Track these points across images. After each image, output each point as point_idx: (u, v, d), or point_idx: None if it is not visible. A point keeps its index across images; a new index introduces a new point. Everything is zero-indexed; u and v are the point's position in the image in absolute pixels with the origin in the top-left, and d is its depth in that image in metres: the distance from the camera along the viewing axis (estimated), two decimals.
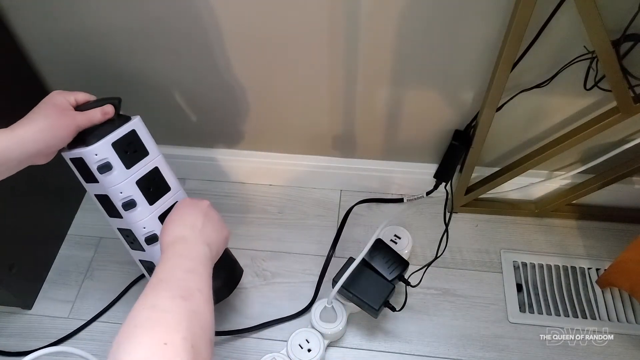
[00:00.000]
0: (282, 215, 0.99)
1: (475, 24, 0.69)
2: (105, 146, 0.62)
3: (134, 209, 0.66)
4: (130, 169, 0.65)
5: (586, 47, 0.67)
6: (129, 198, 0.66)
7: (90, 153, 0.62)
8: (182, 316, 0.44)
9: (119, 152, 0.64)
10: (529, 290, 0.88)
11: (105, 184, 0.64)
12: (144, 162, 0.67)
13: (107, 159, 0.63)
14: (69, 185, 0.99)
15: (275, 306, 0.86)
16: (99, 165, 0.63)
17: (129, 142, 0.65)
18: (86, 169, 0.64)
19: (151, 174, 0.68)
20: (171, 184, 0.71)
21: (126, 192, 0.66)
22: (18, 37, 0.79)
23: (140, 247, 0.71)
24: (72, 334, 0.84)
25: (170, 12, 0.72)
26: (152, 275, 0.50)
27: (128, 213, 0.67)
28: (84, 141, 0.62)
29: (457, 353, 0.81)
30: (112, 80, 0.85)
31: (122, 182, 0.65)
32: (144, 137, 0.67)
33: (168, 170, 0.70)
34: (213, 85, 0.83)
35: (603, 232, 0.94)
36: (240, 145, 0.97)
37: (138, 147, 0.66)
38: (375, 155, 0.95)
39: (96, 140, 0.62)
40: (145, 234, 0.69)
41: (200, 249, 0.57)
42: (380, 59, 0.75)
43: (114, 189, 0.65)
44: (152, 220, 0.69)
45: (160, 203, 0.69)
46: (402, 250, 0.85)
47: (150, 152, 0.68)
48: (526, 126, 0.84)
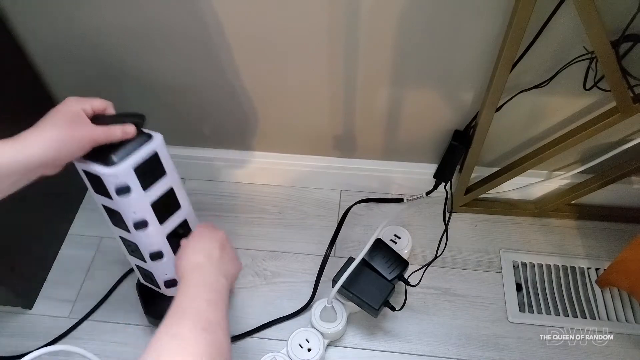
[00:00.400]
0: (282, 215, 0.99)
1: (475, 24, 0.69)
2: (127, 170, 0.59)
3: (144, 229, 0.65)
4: (147, 191, 0.63)
5: (585, 47, 0.68)
6: (141, 219, 0.64)
7: (111, 176, 0.58)
8: (203, 347, 0.45)
9: (139, 175, 0.60)
10: (529, 290, 0.88)
11: (120, 204, 0.62)
12: (161, 183, 0.65)
13: (126, 183, 0.60)
14: (70, 185, 1.00)
15: (276, 306, 0.86)
16: (117, 188, 0.60)
17: (150, 164, 0.62)
18: (101, 185, 0.61)
19: (166, 194, 0.66)
20: (182, 203, 0.69)
21: (140, 213, 0.64)
22: (19, 37, 0.79)
23: (141, 258, 0.71)
24: (67, 333, 0.84)
25: (172, 13, 0.72)
26: (173, 301, 0.50)
27: (138, 232, 0.65)
28: (104, 159, 0.58)
29: (457, 352, 0.81)
30: (112, 79, 0.85)
31: (137, 204, 0.63)
32: (164, 158, 0.64)
33: (181, 189, 0.68)
34: (213, 85, 0.83)
35: (602, 232, 0.94)
36: (241, 145, 0.97)
37: (157, 169, 0.64)
38: (375, 155, 0.95)
39: (118, 161, 0.58)
40: (151, 250, 0.68)
41: (220, 281, 0.57)
42: (380, 59, 0.75)
43: (128, 210, 0.63)
44: (160, 239, 0.68)
45: (170, 221, 0.69)
46: (402, 250, 0.85)
47: (167, 173, 0.65)
48: (526, 126, 0.84)
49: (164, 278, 0.74)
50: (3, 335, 0.84)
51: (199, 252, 0.60)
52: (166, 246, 0.70)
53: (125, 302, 0.88)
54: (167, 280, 0.74)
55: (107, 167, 0.58)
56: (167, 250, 0.70)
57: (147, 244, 0.68)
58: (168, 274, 0.74)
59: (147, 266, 0.72)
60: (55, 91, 0.89)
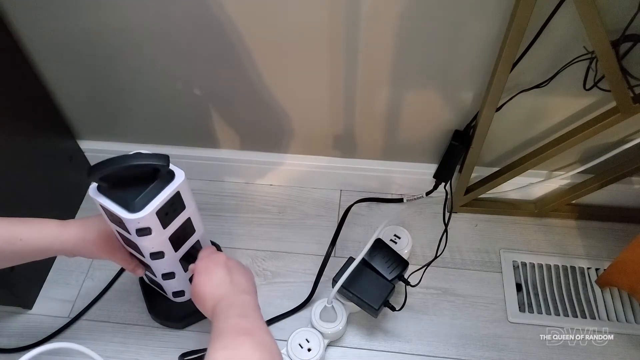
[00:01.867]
0: (282, 215, 0.99)
1: (475, 24, 0.69)
2: (150, 215, 0.58)
3: (160, 259, 0.66)
4: (167, 228, 0.62)
5: (585, 47, 0.68)
6: (159, 251, 0.65)
7: (133, 221, 0.57)
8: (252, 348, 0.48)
9: (160, 216, 0.60)
10: (529, 290, 0.88)
11: (139, 242, 0.62)
12: (180, 217, 0.64)
13: (148, 226, 0.59)
14: (70, 186, 1.00)
15: (276, 306, 0.86)
16: (138, 230, 0.59)
17: (171, 204, 0.60)
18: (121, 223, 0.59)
19: (183, 225, 0.66)
20: (197, 227, 0.69)
21: (157, 247, 0.64)
22: (19, 37, 0.79)
23: (152, 273, 0.72)
24: (66, 329, 0.84)
25: (171, 11, 0.72)
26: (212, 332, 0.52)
27: (154, 261, 0.66)
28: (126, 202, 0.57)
29: (457, 352, 0.81)
30: (111, 80, 0.85)
31: (156, 241, 0.63)
32: (185, 194, 0.62)
33: (197, 214, 0.68)
34: (213, 85, 0.83)
35: (603, 232, 0.94)
36: (241, 145, 0.97)
37: (178, 206, 0.63)
38: (375, 155, 0.95)
39: (140, 208, 0.57)
40: (164, 272, 0.70)
41: (241, 297, 0.59)
42: (380, 59, 0.75)
43: (146, 245, 0.63)
44: (174, 264, 0.69)
45: (184, 246, 0.69)
46: (402, 250, 0.85)
47: (187, 206, 0.64)
48: (526, 126, 0.84)
49: (173, 290, 0.76)
50: (3, 335, 0.84)
51: (212, 288, 0.60)
52: (178, 268, 0.71)
53: (125, 302, 0.88)
54: (175, 291, 0.76)
55: (130, 213, 0.57)
56: (179, 271, 0.71)
57: (161, 268, 0.69)
58: (177, 288, 0.75)
59: (158, 280, 0.73)
60: (53, 89, 0.89)
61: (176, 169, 0.61)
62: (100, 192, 0.58)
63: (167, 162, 0.57)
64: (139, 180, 0.57)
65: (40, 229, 0.61)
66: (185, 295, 0.78)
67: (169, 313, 0.82)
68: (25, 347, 0.82)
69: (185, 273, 0.73)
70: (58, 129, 0.94)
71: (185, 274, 0.73)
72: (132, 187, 0.57)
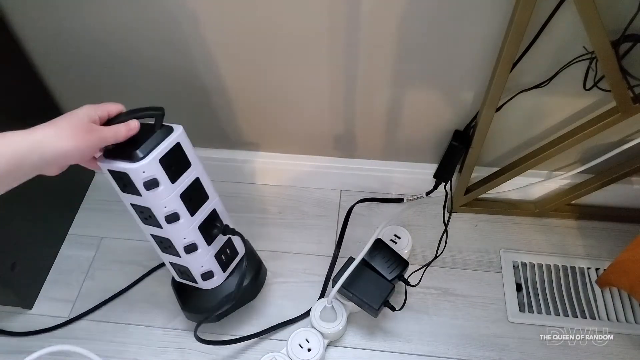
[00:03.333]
0: (282, 215, 0.99)
1: (475, 24, 0.69)
2: (153, 163, 0.60)
3: (177, 222, 0.66)
4: (175, 183, 0.64)
5: (585, 47, 0.68)
6: (172, 212, 0.65)
7: (138, 170, 0.59)
8: None
9: (165, 168, 0.61)
10: (529, 290, 0.88)
11: (150, 200, 0.63)
12: (186, 174, 0.65)
13: (154, 176, 0.61)
14: (70, 185, 1.00)
15: (276, 306, 0.86)
16: (145, 182, 0.60)
17: (174, 155, 0.63)
18: (129, 182, 0.61)
19: (193, 185, 0.67)
20: (209, 193, 0.70)
21: (170, 206, 0.64)
22: (19, 37, 0.79)
23: (176, 253, 0.71)
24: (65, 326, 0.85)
25: (171, 12, 0.72)
26: None
27: (170, 226, 0.66)
28: (128, 156, 0.59)
29: (457, 352, 0.81)
30: (111, 80, 0.85)
31: (167, 197, 0.63)
32: (187, 148, 0.65)
33: (206, 179, 0.69)
34: (212, 85, 0.83)
35: (603, 232, 0.95)
36: (241, 145, 0.97)
37: (182, 160, 0.65)
38: (375, 155, 0.95)
39: (143, 155, 0.59)
40: (185, 243, 0.69)
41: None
42: (380, 59, 0.75)
43: (159, 204, 0.64)
44: (193, 231, 0.69)
45: (200, 212, 0.69)
46: (402, 250, 0.85)
47: (192, 163, 0.66)
48: (526, 126, 0.84)
49: (201, 271, 0.74)
50: (3, 335, 0.84)
51: None
52: (200, 238, 0.70)
53: (125, 301, 0.88)
54: (203, 272, 0.75)
55: (133, 163, 0.59)
56: (201, 242, 0.71)
57: (180, 237, 0.68)
58: (204, 266, 0.74)
59: (182, 261, 0.72)
60: (53, 90, 0.89)
61: (175, 125, 0.64)
62: (106, 158, 0.60)
63: (162, 111, 0.61)
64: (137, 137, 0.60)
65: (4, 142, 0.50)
66: (215, 278, 0.76)
67: (202, 304, 0.79)
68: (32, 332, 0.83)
69: (209, 247, 0.73)
70: None
71: (209, 249, 0.73)
72: (132, 144, 0.59)
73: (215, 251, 0.74)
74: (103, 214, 0.99)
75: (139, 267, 0.91)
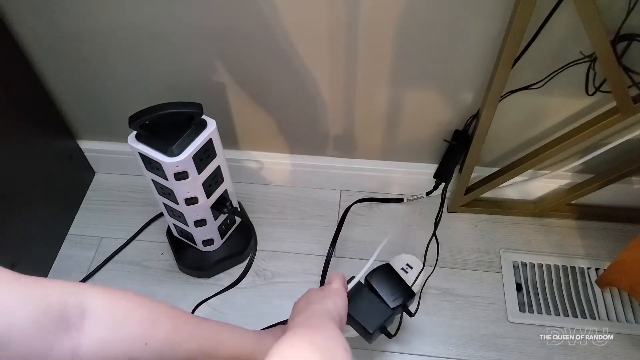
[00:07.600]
0: (282, 215, 0.99)
1: (475, 24, 0.69)
2: (188, 159, 0.63)
3: (195, 205, 0.70)
4: (201, 174, 0.68)
5: (582, 52, 0.68)
6: (193, 196, 0.69)
7: (172, 164, 0.63)
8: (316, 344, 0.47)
9: (196, 161, 0.65)
10: (529, 290, 0.88)
11: (176, 186, 0.67)
12: (212, 164, 0.69)
13: (185, 170, 0.64)
14: (70, 185, 1.00)
15: (276, 306, 0.86)
16: (176, 174, 0.64)
17: (205, 150, 0.66)
18: (159, 168, 0.65)
19: (214, 172, 0.71)
20: (225, 177, 0.74)
21: (192, 192, 0.69)
22: (19, 37, 0.79)
23: (184, 222, 0.76)
24: None
25: (170, 12, 0.72)
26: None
27: (188, 207, 0.70)
28: (164, 148, 0.62)
29: (457, 353, 0.81)
30: (112, 80, 0.85)
31: (191, 185, 0.67)
32: (216, 141, 0.68)
33: (225, 165, 0.73)
34: (212, 85, 0.83)
35: (602, 232, 0.94)
36: (240, 145, 0.97)
37: (211, 153, 0.68)
38: (375, 155, 0.95)
39: (179, 152, 0.62)
40: (196, 219, 0.73)
41: (319, 308, 0.58)
42: (380, 59, 0.75)
43: (182, 190, 0.68)
44: (206, 209, 0.73)
45: (215, 194, 0.74)
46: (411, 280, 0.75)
47: (217, 154, 0.70)
48: (526, 126, 0.84)
49: (203, 238, 0.81)
50: None
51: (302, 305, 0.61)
52: (210, 215, 0.76)
53: None
54: (205, 240, 0.81)
55: (169, 157, 0.62)
56: (209, 218, 0.76)
57: (193, 215, 0.73)
58: (207, 235, 0.80)
59: (189, 229, 0.78)
60: (53, 89, 0.89)
61: (207, 118, 0.67)
62: (139, 141, 0.64)
63: (201, 110, 0.64)
64: (174, 128, 0.63)
65: (242, 337, 0.59)
66: (214, 244, 0.83)
67: (198, 262, 0.86)
68: None
69: (214, 221, 0.78)
70: (58, 129, 0.94)
71: (215, 223, 0.78)
72: (168, 134, 0.62)
73: (219, 223, 0.80)
74: (103, 214, 0.99)
75: (138, 267, 0.91)
